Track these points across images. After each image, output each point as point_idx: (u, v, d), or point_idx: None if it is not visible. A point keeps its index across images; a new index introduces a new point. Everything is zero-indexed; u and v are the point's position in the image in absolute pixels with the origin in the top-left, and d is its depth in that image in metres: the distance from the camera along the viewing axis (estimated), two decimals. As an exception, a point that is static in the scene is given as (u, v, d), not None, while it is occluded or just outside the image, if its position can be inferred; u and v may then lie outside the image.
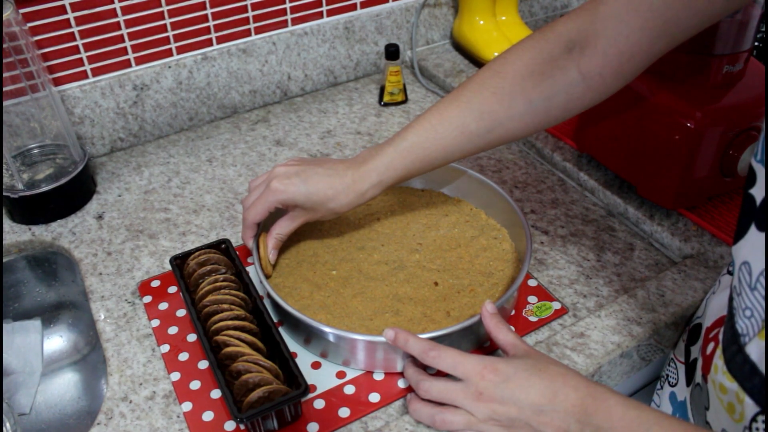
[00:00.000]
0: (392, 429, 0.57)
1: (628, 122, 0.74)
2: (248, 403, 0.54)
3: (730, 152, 0.70)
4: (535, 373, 0.51)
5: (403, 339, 0.56)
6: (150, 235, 0.79)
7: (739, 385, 0.45)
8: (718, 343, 0.50)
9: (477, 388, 0.52)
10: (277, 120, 1.00)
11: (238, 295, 0.64)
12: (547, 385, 0.50)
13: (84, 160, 0.83)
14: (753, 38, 0.69)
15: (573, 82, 0.57)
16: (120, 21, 0.87)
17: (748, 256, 0.43)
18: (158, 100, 0.94)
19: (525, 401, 0.50)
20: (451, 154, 0.63)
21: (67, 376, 0.81)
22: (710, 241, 0.73)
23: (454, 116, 0.61)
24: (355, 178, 0.63)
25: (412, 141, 0.62)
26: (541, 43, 0.59)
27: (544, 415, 0.49)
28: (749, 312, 0.44)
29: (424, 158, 0.63)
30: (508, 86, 0.59)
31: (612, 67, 0.56)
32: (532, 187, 0.85)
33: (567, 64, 0.57)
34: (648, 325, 0.65)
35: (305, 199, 0.63)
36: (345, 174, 0.63)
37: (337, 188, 0.63)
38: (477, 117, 0.60)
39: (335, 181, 0.63)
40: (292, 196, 0.63)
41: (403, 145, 0.62)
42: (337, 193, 0.63)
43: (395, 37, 1.10)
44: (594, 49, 0.56)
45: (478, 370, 0.52)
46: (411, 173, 0.64)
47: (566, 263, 0.73)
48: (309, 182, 0.63)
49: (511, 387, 0.51)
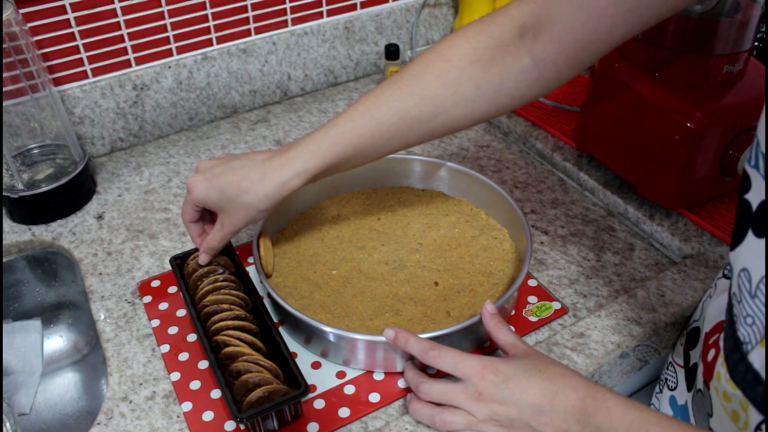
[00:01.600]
0: (392, 429, 0.57)
1: (628, 122, 0.74)
2: (248, 403, 0.54)
3: (730, 152, 0.70)
4: (534, 373, 0.51)
5: (403, 339, 0.56)
6: (150, 235, 0.79)
7: (742, 393, 0.45)
8: (719, 350, 0.49)
9: (477, 388, 0.51)
10: (277, 120, 1.00)
11: (238, 295, 0.64)
12: (547, 385, 0.50)
13: (84, 160, 0.83)
14: (753, 38, 0.69)
15: (525, 68, 0.54)
16: (120, 21, 0.87)
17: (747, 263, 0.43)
18: (158, 100, 0.94)
19: (525, 401, 0.50)
20: (388, 142, 0.58)
21: (67, 376, 0.81)
22: (710, 241, 0.73)
23: (393, 100, 0.56)
24: (274, 167, 0.57)
25: (346, 126, 0.57)
26: (491, 26, 0.55)
27: (543, 415, 0.49)
28: (750, 320, 0.43)
29: (358, 145, 0.57)
30: (454, 70, 0.55)
31: (566, 55, 0.53)
32: (532, 187, 0.85)
33: (519, 50, 0.54)
34: (648, 325, 0.65)
35: (219, 196, 0.59)
36: (262, 164, 0.58)
37: (252, 179, 0.57)
38: (419, 102, 0.56)
39: (250, 172, 0.57)
40: (205, 195, 0.59)
41: (334, 131, 0.57)
42: (252, 185, 0.57)
43: (395, 37, 1.10)
44: (548, 35, 0.52)
45: (478, 371, 0.52)
46: (343, 162, 0.58)
47: (566, 263, 0.73)
48: (221, 176, 0.58)
49: (510, 387, 0.51)
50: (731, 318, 0.46)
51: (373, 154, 0.59)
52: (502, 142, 0.94)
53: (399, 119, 0.56)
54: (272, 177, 0.57)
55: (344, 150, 0.57)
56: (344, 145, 0.57)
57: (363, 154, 0.58)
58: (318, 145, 0.57)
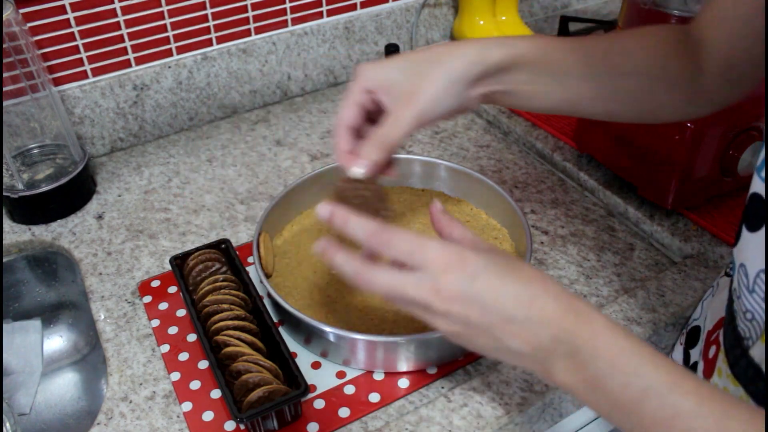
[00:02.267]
0: (392, 429, 0.57)
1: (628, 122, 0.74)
2: (248, 403, 0.54)
3: (730, 152, 0.70)
4: (509, 272, 0.42)
5: (341, 218, 0.46)
6: (150, 235, 0.79)
7: (743, 389, 0.45)
8: (719, 347, 0.50)
9: (436, 283, 0.42)
10: (277, 120, 1.00)
11: (238, 295, 0.64)
12: (523, 290, 0.42)
13: (84, 160, 0.83)
14: (753, 38, 0.69)
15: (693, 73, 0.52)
16: (120, 21, 0.87)
17: (743, 258, 0.43)
18: (158, 100, 0.94)
19: (493, 305, 0.41)
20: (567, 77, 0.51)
21: (67, 376, 0.81)
22: (710, 241, 0.73)
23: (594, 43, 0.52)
24: (464, 42, 0.50)
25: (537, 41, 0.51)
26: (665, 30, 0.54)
27: (513, 323, 0.41)
28: (750, 315, 0.43)
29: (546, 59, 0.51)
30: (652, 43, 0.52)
31: (718, 68, 0.52)
32: (532, 187, 0.85)
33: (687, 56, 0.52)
34: (648, 325, 0.65)
35: (407, 69, 0.49)
36: (451, 43, 0.51)
37: (441, 51, 0.49)
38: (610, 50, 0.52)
39: (435, 48, 0.50)
40: (385, 70, 0.50)
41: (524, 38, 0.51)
42: (446, 52, 0.49)
43: (395, 37, 1.10)
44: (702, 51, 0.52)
45: (442, 261, 0.42)
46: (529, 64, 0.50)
47: (566, 263, 0.73)
48: (400, 57, 0.50)
49: (477, 286, 0.41)
50: (731, 314, 0.47)
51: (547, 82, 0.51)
52: (502, 142, 0.94)
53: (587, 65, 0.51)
54: (466, 45, 0.49)
55: (535, 55, 0.50)
56: (535, 50, 0.50)
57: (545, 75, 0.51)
58: (504, 39, 0.50)
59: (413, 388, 0.61)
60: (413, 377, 0.61)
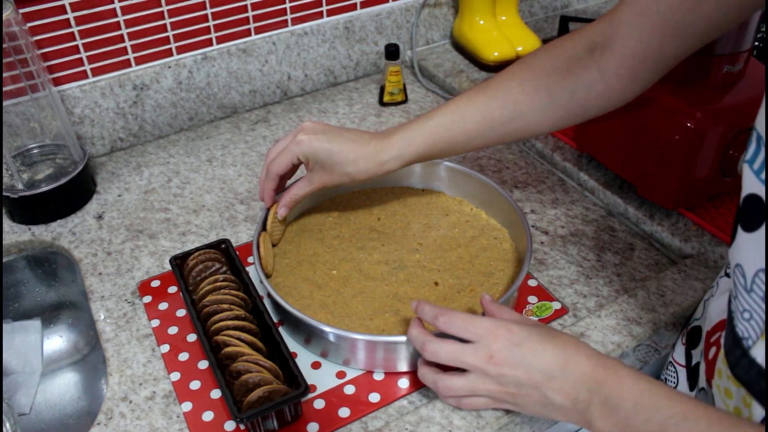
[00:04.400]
0: (392, 429, 0.57)
1: (628, 122, 0.74)
2: (248, 403, 0.54)
3: (730, 152, 0.70)
4: (548, 339, 0.51)
5: (418, 306, 0.57)
6: (150, 235, 0.79)
7: (746, 390, 0.45)
8: (720, 348, 0.50)
9: (488, 350, 0.51)
10: (277, 120, 1.00)
11: (238, 295, 0.64)
12: (560, 351, 0.50)
13: (84, 160, 0.83)
14: (753, 38, 0.69)
15: (593, 80, 0.60)
16: (120, 21, 0.87)
17: (740, 258, 0.43)
18: (158, 100, 0.94)
19: (536, 366, 0.50)
20: (472, 140, 0.65)
21: (67, 376, 0.81)
22: (710, 241, 0.73)
23: (480, 102, 0.64)
24: (377, 148, 0.64)
25: (438, 121, 0.64)
26: (567, 42, 0.62)
27: (554, 380, 0.49)
28: (748, 315, 0.43)
29: (446, 139, 0.64)
30: (533, 79, 0.62)
31: (627, 68, 0.58)
32: (532, 187, 0.85)
33: (588, 63, 0.60)
34: (648, 325, 0.65)
35: (327, 157, 0.64)
36: (368, 142, 0.64)
37: (359, 153, 0.64)
38: (501, 105, 0.63)
39: (357, 146, 0.64)
40: (315, 151, 0.64)
41: (428, 124, 0.64)
42: (358, 158, 0.64)
43: (395, 37, 1.10)
44: (612, 51, 0.58)
45: (491, 331, 0.52)
46: (432, 153, 0.65)
47: (566, 263, 0.73)
48: (333, 141, 0.64)
49: (523, 351, 0.51)
50: (730, 314, 0.47)
51: (458, 148, 0.66)
52: (502, 142, 0.94)
53: (482, 119, 0.63)
54: (374, 157, 0.64)
55: (434, 142, 0.64)
56: (434, 138, 0.64)
57: (450, 148, 0.65)
58: (413, 134, 0.64)
59: (413, 388, 0.61)
60: (413, 377, 0.61)
